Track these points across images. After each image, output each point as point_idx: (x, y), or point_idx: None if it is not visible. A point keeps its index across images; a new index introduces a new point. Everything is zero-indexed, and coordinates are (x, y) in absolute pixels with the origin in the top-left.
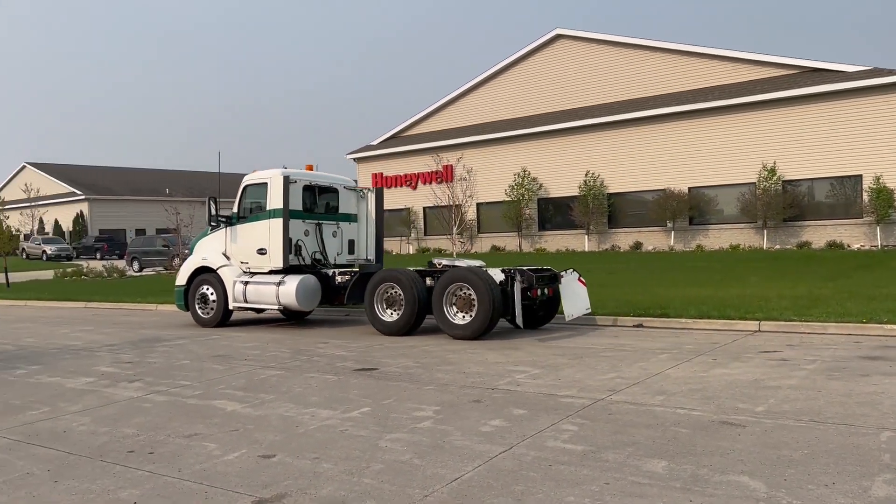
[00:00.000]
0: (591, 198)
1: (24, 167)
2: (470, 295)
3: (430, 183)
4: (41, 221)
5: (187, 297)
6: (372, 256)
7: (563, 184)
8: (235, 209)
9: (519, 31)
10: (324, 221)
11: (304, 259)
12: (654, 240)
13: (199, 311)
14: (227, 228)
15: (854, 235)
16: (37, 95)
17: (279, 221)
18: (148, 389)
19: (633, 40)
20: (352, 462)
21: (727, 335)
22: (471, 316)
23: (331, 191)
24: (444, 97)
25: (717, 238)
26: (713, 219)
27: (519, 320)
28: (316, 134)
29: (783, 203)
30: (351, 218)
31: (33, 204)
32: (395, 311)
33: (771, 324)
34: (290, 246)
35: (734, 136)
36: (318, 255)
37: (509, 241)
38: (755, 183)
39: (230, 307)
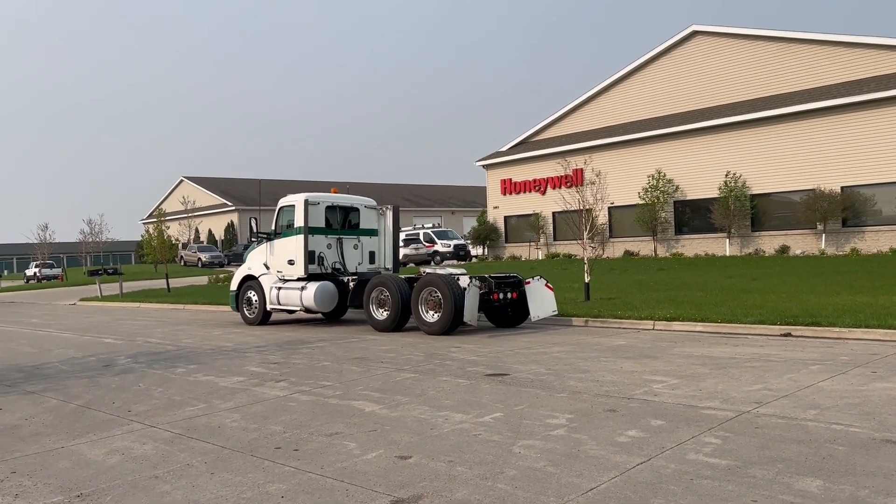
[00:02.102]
0: (732, 199)
1: (181, 181)
2: (438, 297)
3: (559, 188)
4: (197, 231)
5: (238, 299)
6: (390, 265)
7: (701, 185)
8: (273, 227)
9: (647, 34)
10: (344, 236)
11: (325, 268)
12: (802, 243)
13: (245, 312)
14: (267, 243)
15: None
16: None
17: (302, 237)
18: (293, 389)
19: (774, 33)
20: (485, 467)
21: (888, 346)
22: (439, 314)
23: (353, 210)
24: (573, 101)
25: (875, 241)
26: (870, 220)
27: (467, 318)
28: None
29: None
30: (371, 233)
31: (190, 215)
32: (384, 310)
33: None
34: (312, 257)
35: (894, 131)
36: (337, 265)
37: (643, 246)
38: None
39: (268, 308)
